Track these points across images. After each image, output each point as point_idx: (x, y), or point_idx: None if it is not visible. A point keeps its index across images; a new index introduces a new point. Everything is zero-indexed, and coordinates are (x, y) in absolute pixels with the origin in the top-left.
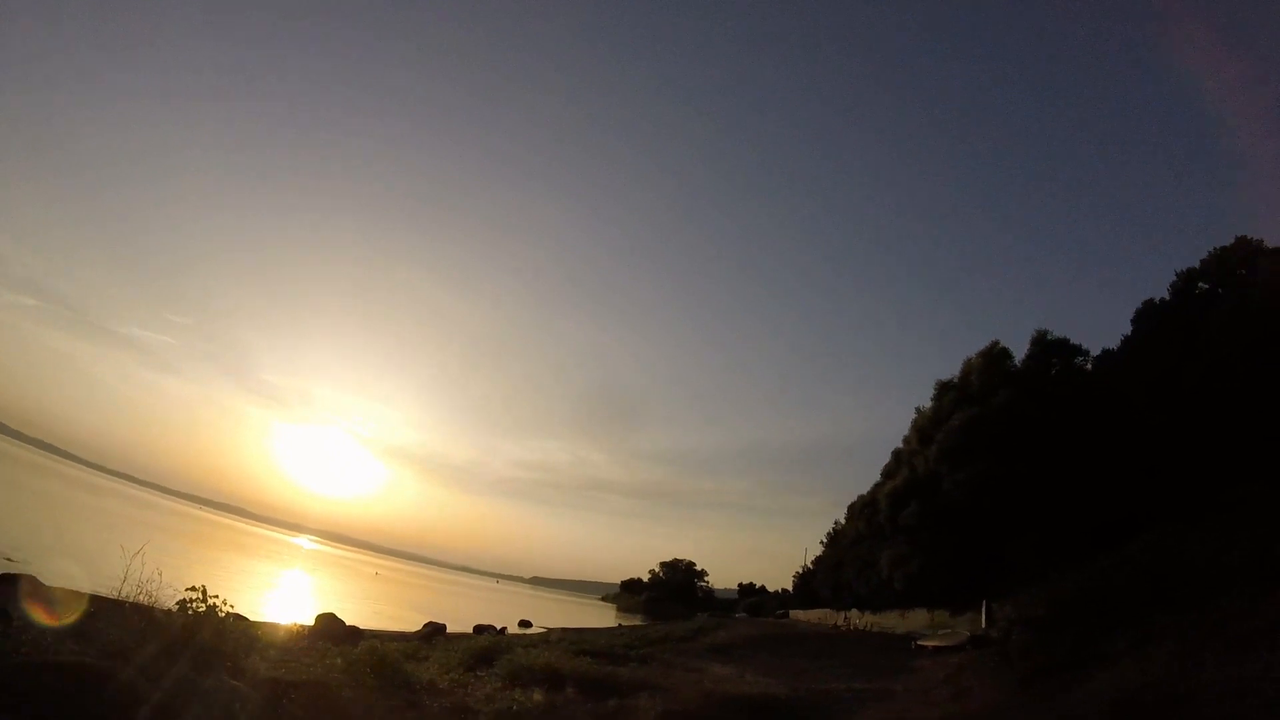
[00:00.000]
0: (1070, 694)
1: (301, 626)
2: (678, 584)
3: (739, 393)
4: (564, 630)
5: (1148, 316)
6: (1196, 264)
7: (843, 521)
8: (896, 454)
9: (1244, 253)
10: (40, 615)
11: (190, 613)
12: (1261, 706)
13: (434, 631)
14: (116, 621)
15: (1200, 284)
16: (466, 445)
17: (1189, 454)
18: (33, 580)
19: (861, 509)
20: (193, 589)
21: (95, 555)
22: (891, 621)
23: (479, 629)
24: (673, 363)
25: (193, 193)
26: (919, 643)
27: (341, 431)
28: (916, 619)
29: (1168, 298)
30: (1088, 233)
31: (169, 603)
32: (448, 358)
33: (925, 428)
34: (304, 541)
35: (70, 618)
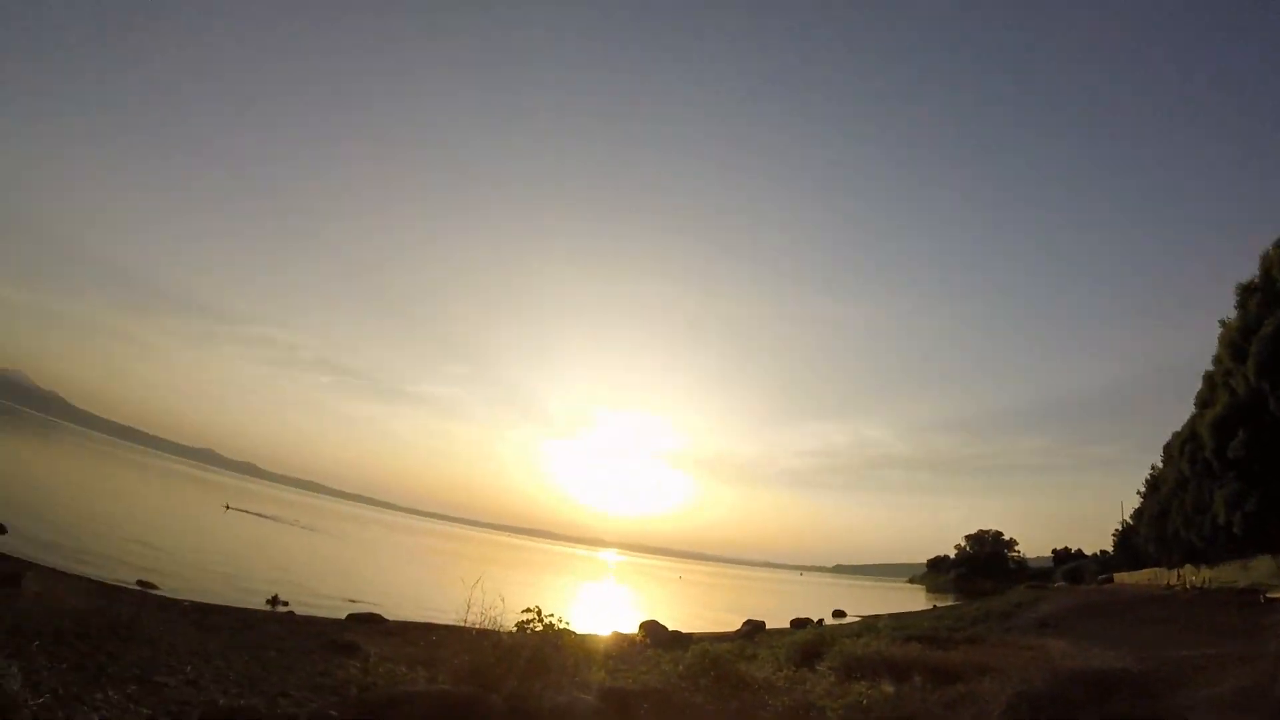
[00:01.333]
0: None
1: (628, 635)
2: (986, 557)
3: (1013, 345)
4: (875, 617)
5: None
6: None
7: (1159, 465)
8: (1208, 377)
9: None
10: (389, 648)
11: (529, 632)
12: None
13: (754, 629)
14: (464, 646)
15: None
16: (748, 441)
17: None
18: (378, 617)
19: (1181, 447)
20: (529, 609)
21: (428, 589)
22: (1231, 575)
23: (796, 623)
24: (938, 326)
25: (448, 265)
26: (1269, 595)
27: (628, 447)
28: (1261, 568)
29: None
30: None
31: (508, 625)
32: (712, 359)
33: (1235, 341)
34: (609, 555)
35: (417, 648)
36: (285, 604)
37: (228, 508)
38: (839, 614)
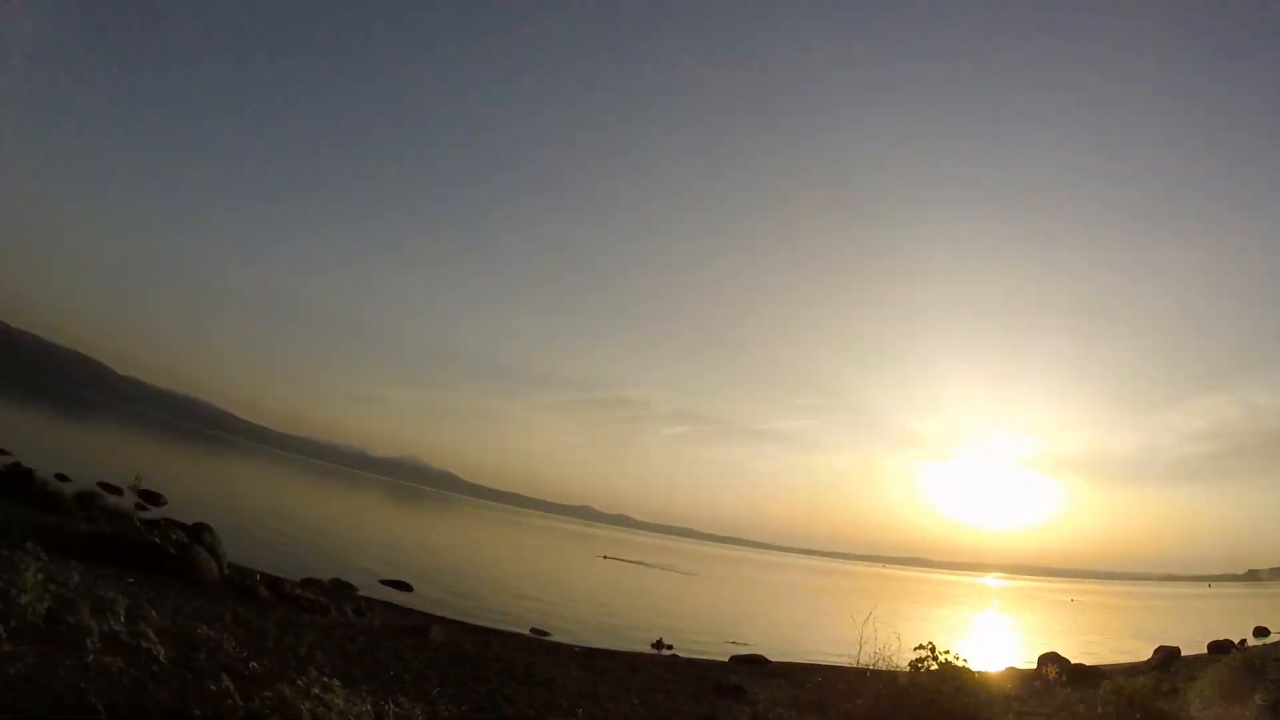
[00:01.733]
0: None
1: (1024, 670)
2: None
3: None
4: None
5: None
6: None
7: None
8: None
9: None
10: (776, 691)
11: (924, 671)
12: None
13: (1168, 657)
14: (852, 688)
15: None
16: (1123, 432)
17: None
18: (761, 658)
19: None
20: (921, 647)
21: (806, 628)
22: None
23: (1214, 647)
24: None
25: (778, 301)
26: None
27: (996, 459)
28: None
29: None
30: None
31: (900, 664)
32: (1064, 348)
33: None
34: (990, 580)
35: (803, 690)
36: (669, 646)
37: (605, 557)
38: (1260, 632)
